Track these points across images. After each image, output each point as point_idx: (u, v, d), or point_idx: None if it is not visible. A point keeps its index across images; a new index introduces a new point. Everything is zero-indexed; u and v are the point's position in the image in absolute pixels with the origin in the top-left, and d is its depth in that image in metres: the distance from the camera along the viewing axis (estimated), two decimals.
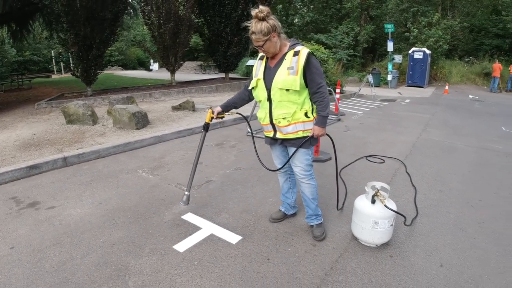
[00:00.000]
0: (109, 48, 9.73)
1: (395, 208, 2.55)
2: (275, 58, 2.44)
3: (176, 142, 5.47)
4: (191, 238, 2.65)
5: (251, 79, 2.58)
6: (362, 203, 2.63)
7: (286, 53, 2.39)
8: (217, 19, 11.54)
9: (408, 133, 6.61)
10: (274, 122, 2.50)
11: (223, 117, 2.79)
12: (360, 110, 9.46)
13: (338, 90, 8.69)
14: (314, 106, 2.52)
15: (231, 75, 14.20)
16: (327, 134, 2.64)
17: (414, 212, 3.21)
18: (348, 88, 13.79)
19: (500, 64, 15.67)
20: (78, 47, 8.36)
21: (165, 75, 15.36)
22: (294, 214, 3.06)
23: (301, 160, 2.58)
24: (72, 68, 9.21)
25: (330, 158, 4.72)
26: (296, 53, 2.35)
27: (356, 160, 4.72)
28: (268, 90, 2.44)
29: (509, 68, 16.16)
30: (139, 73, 22.13)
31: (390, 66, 15.77)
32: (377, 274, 2.35)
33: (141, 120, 5.58)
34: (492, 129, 7.48)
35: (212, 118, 2.75)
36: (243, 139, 5.66)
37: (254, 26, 2.27)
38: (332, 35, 19.57)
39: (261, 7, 2.27)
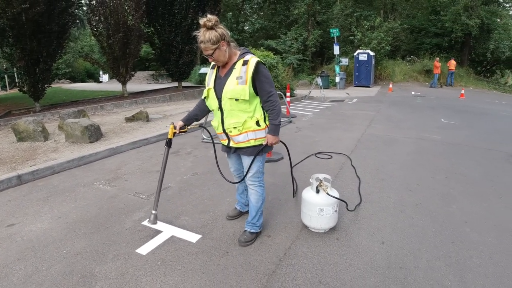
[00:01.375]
0: (56, 61, 9.41)
1: (337, 196, 2.92)
2: (225, 67, 2.47)
3: (131, 153, 5.50)
4: (152, 241, 2.79)
5: (205, 88, 2.64)
6: (308, 194, 2.96)
7: (236, 62, 2.42)
8: (167, 28, 11.59)
9: (354, 130, 7.20)
10: (226, 131, 2.56)
11: (186, 131, 2.77)
12: (310, 111, 10.03)
13: (288, 94, 9.16)
14: (266, 114, 2.57)
15: (184, 84, 14.23)
16: (281, 141, 2.72)
17: (358, 199, 3.61)
18: (299, 91, 14.49)
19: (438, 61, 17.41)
20: (25, 62, 8.03)
21: (116, 86, 15.00)
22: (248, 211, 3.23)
23: (251, 167, 2.65)
24: (18, 83, 8.79)
25: (282, 158, 5.05)
26: (245, 63, 2.39)
27: (306, 158, 5.11)
28: (219, 99, 2.49)
29: (448, 65, 17.96)
30: (89, 86, 21.28)
31: (337, 69, 16.78)
32: (325, 255, 2.67)
33: (94, 133, 5.53)
34: (432, 121, 8.37)
35: (175, 133, 2.70)
36: (199, 146, 5.84)
37: (203, 35, 2.28)
38: (282, 41, 20.41)
39: (209, 16, 2.28)
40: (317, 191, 2.91)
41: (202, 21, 2.27)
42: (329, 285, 2.32)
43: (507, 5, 22.54)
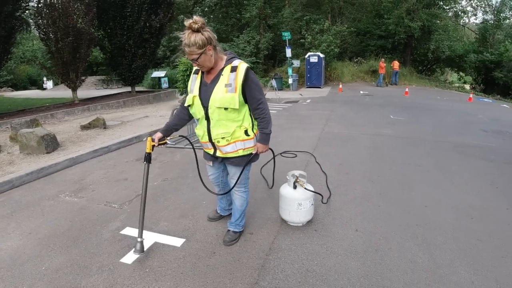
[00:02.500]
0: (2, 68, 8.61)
1: (312, 190, 3.11)
2: (211, 73, 2.33)
3: (93, 162, 5.26)
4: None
5: (187, 94, 2.48)
6: (286, 190, 3.12)
7: (223, 68, 2.29)
8: (119, 32, 11.17)
9: (312, 129, 7.54)
10: (213, 141, 2.43)
11: (166, 143, 2.57)
12: None
13: None
14: (255, 122, 2.48)
15: (137, 88, 13.78)
16: (270, 148, 2.68)
17: (328, 193, 3.85)
18: None
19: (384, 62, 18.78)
20: None
21: (62, 93, 14.09)
22: (230, 214, 3.22)
23: (237, 175, 2.60)
24: None
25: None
26: (233, 69, 2.25)
27: (272, 158, 5.25)
28: (205, 108, 2.34)
29: (391, 65, 19.41)
30: (33, 93, 19.67)
31: (290, 71, 17.33)
32: (307, 246, 2.84)
33: (51, 143, 5.19)
34: (382, 118, 9.03)
35: (154, 146, 2.49)
36: (164, 152, 5.74)
37: (188, 38, 2.11)
38: (235, 44, 20.60)
39: (195, 17, 2.12)
40: (295, 187, 3.08)
41: (187, 22, 2.10)
42: (315, 272, 2.49)
43: (447, 7, 24.95)
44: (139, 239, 2.58)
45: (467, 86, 26.55)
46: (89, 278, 2.40)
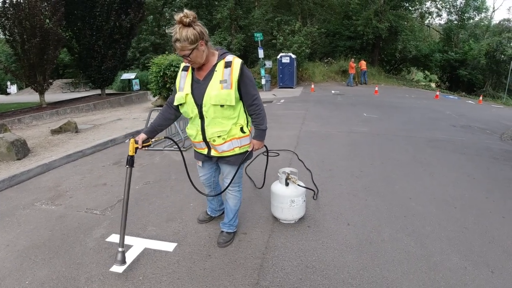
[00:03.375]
0: None
1: (305, 186, 3.09)
2: (203, 69, 2.24)
3: (67, 167, 4.94)
4: (126, 258, 2.58)
5: (175, 93, 2.36)
6: (278, 187, 3.07)
7: (216, 63, 2.20)
8: (88, 32, 10.63)
9: (290, 128, 7.56)
10: (208, 140, 2.33)
11: (150, 144, 2.39)
12: None
13: None
14: (249, 119, 2.42)
15: (107, 91, 13.22)
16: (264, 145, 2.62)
17: (315, 190, 3.85)
18: None
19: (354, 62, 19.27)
20: None
21: (27, 97, 13.24)
22: (220, 215, 3.17)
23: (232, 174, 2.52)
24: None
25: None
26: (227, 64, 2.17)
27: (255, 158, 5.20)
28: (199, 106, 2.23)
29: (359, 65, 19.96)
30: None
31: (262, 71, 17.37)
32: (303, 242, 2.81)
33: (21, 149, 4.81)
34: (356, 116, 9.24)
35: (137, 148, 2.33)
36: (141, 154, 5.51)
37: (179, 32, 2.01)
38: None
39: (186, 11, 2.02)
40: (287, 184, 3.04)
41: (178, 16, 2.00)
42: (315, 267, 2.47)
43: (412, 8, 25.99)
44: (120, 249, 2.36)
45: (433, 84, 27.85)
46: None
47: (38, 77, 9.21)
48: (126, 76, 15.04)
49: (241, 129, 2.35)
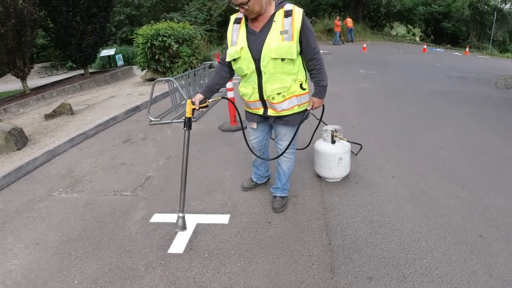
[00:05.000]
0: None
1: (352, 141, 2.86)
2: (258, 20, 1.98)
3: (74, 151, 4.49)
4: (180, 237, 2.31)
5: (226, 48, 2.11)
6: (323, 146, 2.83)
7: (274, 13, 1.95)
8: (64, 8, 9.49)
9: None
10: (267, 98, 2.07)
11: (207, 105, 2.19)
12: (239, 79, 9.76)
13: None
14: (307, 75, 2.19)
15: (89, 70, 12.26)
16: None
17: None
18: (216, 63, 13.89)
19: (339, 20, 18.53)
20: None
21: (4, 87, 12.13)
22: (266, 182, 2.93)
23: (288, 136, 2.29)
24: None
25: (246, 127, 4.78)
26: (288, 13, 1.92)
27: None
28: (257, 60, 1.98)
29: (345, 22, 19.26)
30: None
31: None
32: (358, 198, 2.64)
33: (19, 139, 4.29)
34: (353, 73, 8.96)
35: (194, 110, 2.11)
36: (149, 130, 5.10)
37: None
38: (187, 12, 19.03)
39: None
40: (333, 142, 2.80)
41: None
42: (380, 221, 2.33)
43: None
44: (180, 214, 2.20)
45: (417, 38, 27.49)
46: (141, 280, 1.94)
47: (18, 62, 8.25)
48: (105, 52, 13.89)
49: (301, 86, 2.10)
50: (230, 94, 4.50)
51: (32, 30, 8.34)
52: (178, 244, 2.22)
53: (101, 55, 13.95)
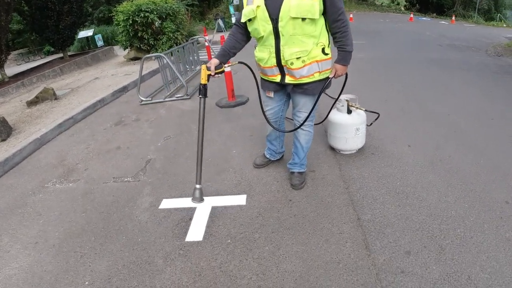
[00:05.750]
0: None
1: (369, 110, 2.66)
2: None
3: (62, 138, 4.13)
4: (196, 222, 2.09)
5: (241, 8, 1.89)
6: (339, 116, 2.62)
7: None
8: None
9: None
10: (285, 63, 1.86)
11: (223, 71, 1.97)
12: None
13: (207, 38, 8.24)
14: (330, 39, 1.93)
15: (68, 53, 11.47)
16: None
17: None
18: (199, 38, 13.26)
19: None
20: None
21: None
22: (280, 159, 2.70)
23: (308, 106, 2.06)
24: None
25: (248, 99, 4.52)
26: None
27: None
28: (274, 20, 1.76)
29: None
30: None
31: (231, 9, 15.78)
32: (377, 169, 2.48)
33: (3, 129, 3.88)
34: None
35: (209, 76, 1.91)
36: (141, 110, 4.75)
37: None
38: None
39: None
40: (349, 112, 2.59)
41: None
42: (405, 192, 2.20)
43: None
44: (197, 186, 2.02)
45: (402, 8, 26.93)
46: (161, 275, 1.72)
47: None
48: (83, 34, 12.94)
49: (323, 50, 1.86)
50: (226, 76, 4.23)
51: (6, 14, 7.57)
52: (196, 231, 2.00)
53: (79, 36, 13.02)
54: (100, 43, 12.69)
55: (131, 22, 7.90)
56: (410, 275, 1.58)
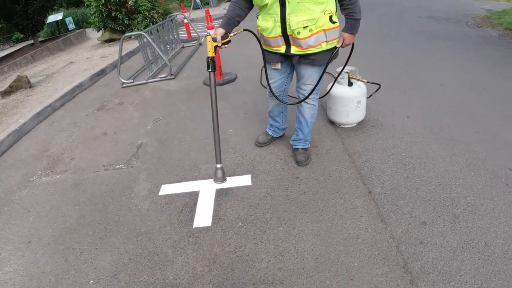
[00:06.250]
0: None
1: (371, 81, 2.55)
2: None
3: (42, 127, 3.83)
4: (202, 207, 1.97)
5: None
6: (339, 89, 2.50)
7: None
8: None
9: None
10: (291, 33, 1.73)
11: (229, 41, 1.79)
12: (206, 32, 8.87)
13: (186, 15, 7.81)
14: (338, 6, 1.82)
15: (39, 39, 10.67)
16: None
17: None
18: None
19: None
20: None
21: None
22: (282, 136, 2.58)
23: (313, 78, 1.94)
24: None
25: (237, 76, 4.32)
26: None
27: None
28: None
29: None
30: None
31: None
32: (381, 142, 2.41)
33: None
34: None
35: (216, 47, 1.73)
36: (124, 93, 4.44)
37: None
38: None
39: None
40: (350, 84, 2.47)
41: None
42: (411, 163, 2.16)
43: None
44: (218, 166, 1.90)
45: None
46: (173, 265, 1.60)
47: None
48: (52, 18, 12.01)
49: (330, 18, 1.73)
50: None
51: None
52: (203, 216, 1.88)
53: (48, 21, 12.10)
54: (71, 26, 11.85)
55: (103, 1, 7.34)
56: (429, 245, 1.54)
